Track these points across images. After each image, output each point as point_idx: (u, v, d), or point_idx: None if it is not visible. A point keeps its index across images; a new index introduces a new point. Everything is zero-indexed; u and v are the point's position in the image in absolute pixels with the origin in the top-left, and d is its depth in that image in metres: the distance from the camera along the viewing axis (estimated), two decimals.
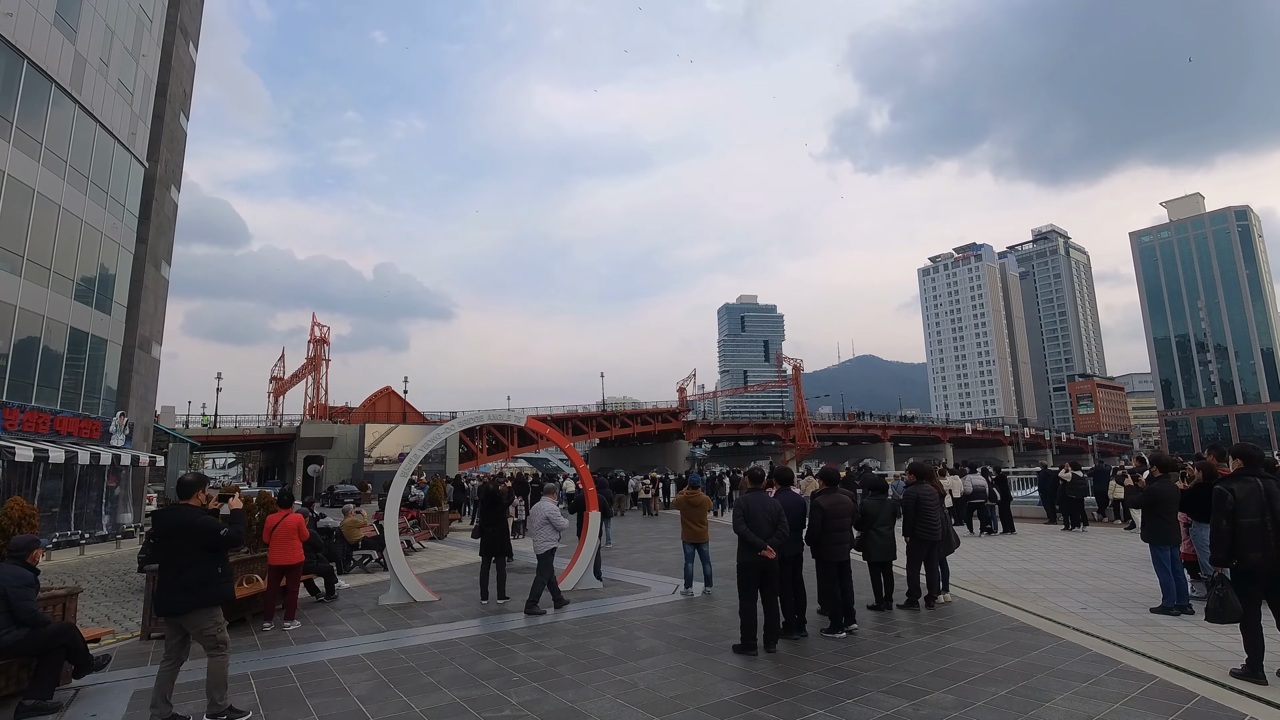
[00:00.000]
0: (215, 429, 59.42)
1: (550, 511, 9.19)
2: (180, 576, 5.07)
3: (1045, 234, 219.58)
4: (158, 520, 5.43)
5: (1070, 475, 17.07)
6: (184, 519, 5.20)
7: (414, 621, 8.73)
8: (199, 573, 5.11)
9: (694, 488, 10.14)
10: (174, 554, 5.15)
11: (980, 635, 7.08)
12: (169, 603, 5.11)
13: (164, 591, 5.15)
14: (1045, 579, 10.33)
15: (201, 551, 5.15)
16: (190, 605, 5.07)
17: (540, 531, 9.10)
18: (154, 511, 5.50)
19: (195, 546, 5.13)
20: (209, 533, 5.19)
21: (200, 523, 5.21)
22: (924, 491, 8.55)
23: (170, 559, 5.19)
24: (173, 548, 5.17)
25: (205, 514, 5.39)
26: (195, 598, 5.08)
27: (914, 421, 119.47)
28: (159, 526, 5.36)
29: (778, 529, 6.75)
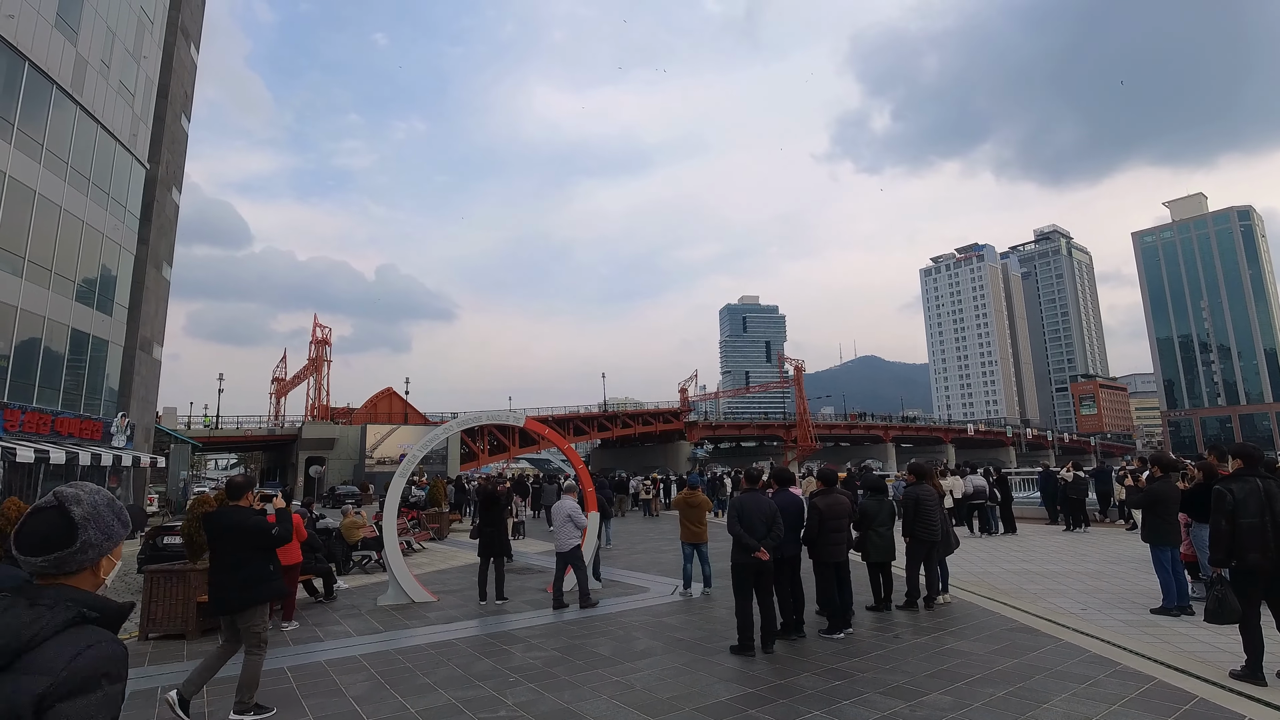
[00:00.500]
0: (217, 430, 59.47)
1: (572, 509, 9.36)
2: (237, 574, 5.29)
3: (1047, 234, 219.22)
4: (212, 521, 5.60)
5: (1071, 475, 17.02)
6: (238, 520, 5.45)
7: (412, 622, 8.72)
8: (254, 570, 5.37)
9: (693, 488, 10.12)
10: (229, 553, 5.37)
11: (979, 636, 7.05)
12: (227, 600, 5.31)
13: (221, 590, 5.36)
14: (1045, 580, 10.29)
15: (255, 550, 5.43)
16: (248, 601, 5.28)
17: (564, 529, 9.25)
18: (207, 513, 5.82)
19: (250, 546, 5.40)
20: (262, 532, 5.48)
21: (253, 523, 5.50)
22: (923, 492, 8.53)
23: (225, 558, 5.40)
24: (228, 547, 5.39)
25: (257, 514, 5.68)
26: (252, 594, 5.31)
27: (916, 422, 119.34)
28: (213, 527, 5.54)
29: (772, 530, 6.72)
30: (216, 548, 5.48)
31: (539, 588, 11.06)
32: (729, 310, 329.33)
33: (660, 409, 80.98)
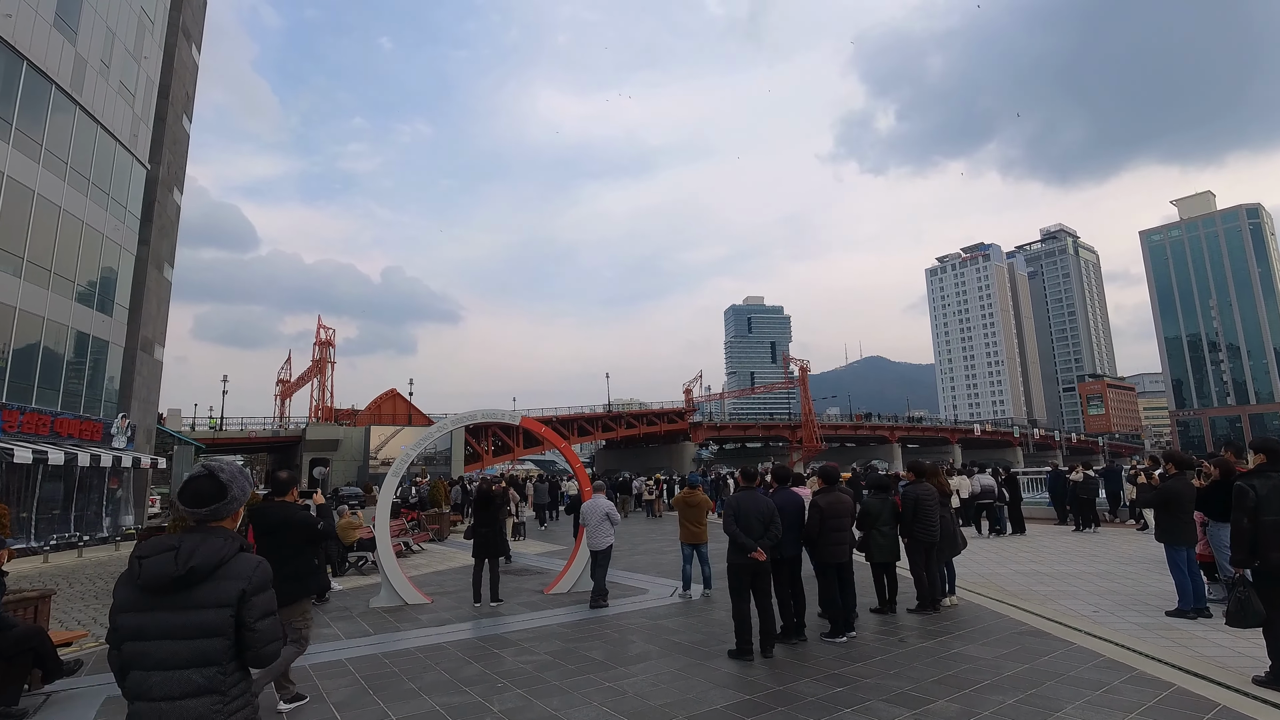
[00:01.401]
0: (221, 432, 59.54)
1: (609, 508, 9.43)
2: (285, 568, 5.19)
3: (1054, 233, 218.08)
4: (260, 517, 5.59)
5: (1081, 475, 16.71)
6: (287, 514, 5.52)
7: (403, 625, 8.50)
8: (302, 564, 5.44)
9: (693, 488, 9.88)
10: (278, 548, 5.31)
11: (987, 640, 6.78)
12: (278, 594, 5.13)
13: None
14: (1055, 581, 10.00)
15: (303, 545, 5.50)
16: (298, 594, 5.35)
17: (600, 527, 9.26)
18: (254, 508, 5.75)
19: (299, 540, 5.47)
20: (310, 526, 5.56)
21: (301, 517, 5.56)
22: (922, 491, 8.24)
23: (273, 553, 5.28)
24: (277, 542, 5.38)
25: (304, 509, 5.70)
26: (302, 587, 5.40)
27: (922, 422, 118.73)
28: (262, 523, 5.54)
29: (770, 530, 6.48)
30: (263, 544, 5.43)
31: (535, 589, 10.85)
32: (734, 311, 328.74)
33: (665, 409, 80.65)
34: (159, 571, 2.30)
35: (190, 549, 2.34)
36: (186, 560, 2.31)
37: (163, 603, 2.31)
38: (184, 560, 2.31)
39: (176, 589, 2.31)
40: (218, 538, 2.41)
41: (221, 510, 2.49)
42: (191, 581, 2.31)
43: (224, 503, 2.49)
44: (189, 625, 2.28)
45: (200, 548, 2.35)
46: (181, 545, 2.35)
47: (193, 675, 2.26)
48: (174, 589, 2.30)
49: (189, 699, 2.26)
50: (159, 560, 2.33)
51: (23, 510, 19.31)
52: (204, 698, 2.27)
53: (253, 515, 5.69)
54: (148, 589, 2.31)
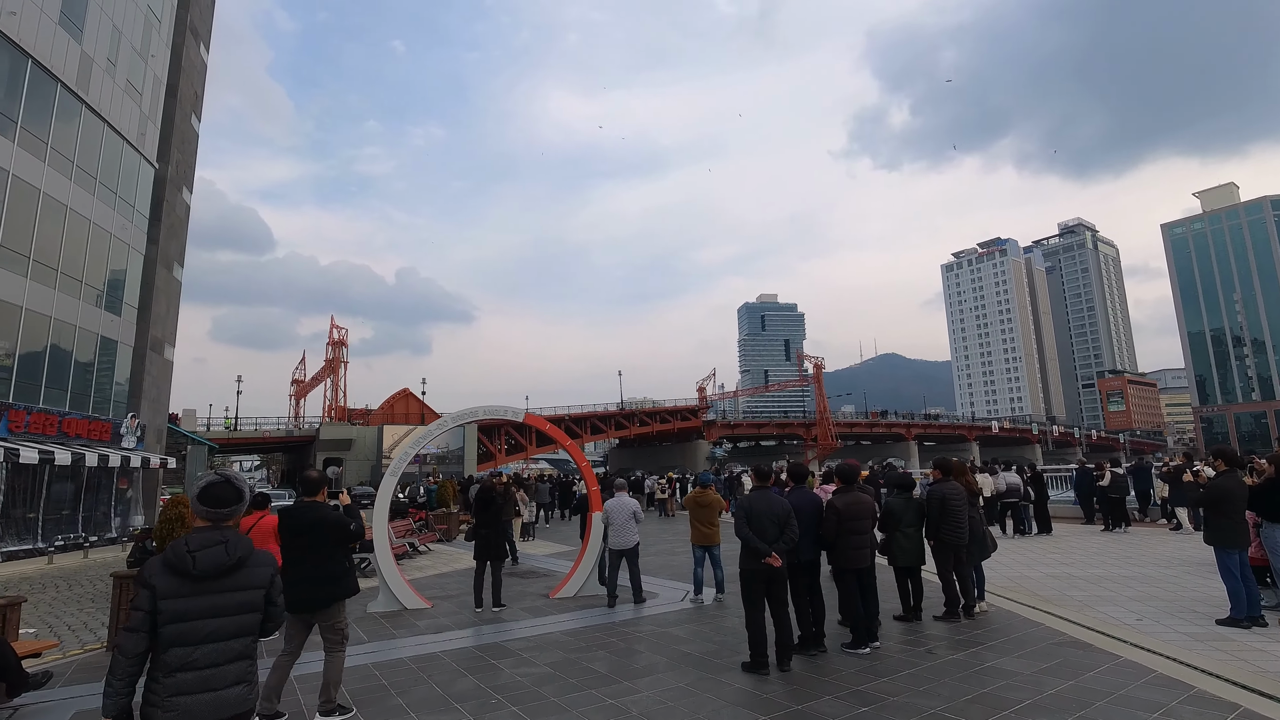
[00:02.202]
0: (236, 432, 59.72)
1: (636, 507, 9.33)
2: (320, 570, 5.16)
3: (1072, 227, 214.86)
4: (292, 517, 5.37)
5: (1109, 478, 16.03)
6: (321, 515, 5.31)
7: (399, 631, 8.09)
8: (337, 565, 5.26)
9: (704, 487, 9.39)
10: (311, 549, 5.19)
11: (1023, 652, 6.24)
12: (314, 597, 5.13)
13: (303, 586, 5.09)
14: (1090, 585, 9.42)
15: (336, 546, 5.30)
16: (334, 597, 5.19)
17: (627, 526, 9.16)
18: (284, 508, 5.59)
19: (332, 541, 5.27)
20: (343, 527, 5.35)
21: (334, 517, 5.34)
22: (950, 490, 7.71)
23: (307, 555, 5.21)
24: (309, 544, 5.21)
25: (334, 509, 5.47)
26: (337, 589, 5.21)
27: (939, 420, 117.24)
28: (294, 524, 5.32)
29: (785, 532, 5.98)
30: (296, 545, 5.23)
31: (540, 592, 10.41)
32: (747, 309, 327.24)
33: (678, 407, 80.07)
34: (215, 562, 2.81)
35: (235, 542, 2.88)
36: (235, 552, 2.85)
37: (210, 587, 2.79)
38: (233, 552, 2.85)
39: (226, 574, 2.82)
40: (240, 534, 2.95)
41: (235, 513, 3.02)
42: (237, 568, 2.85)
43: (239, 505, 3.03)
44: (234, 604, 2.82)
45: (240, 542, 2.90)
46: (227, 540, 2.87)
47: (234, 644, 2.81)
48: (225, 575, 2.82)
49: (231, 664, 2.79)
50: (213, 552, 2.83)
51: (30, 511, 19.18)
52: (241, 662, 2.83)
53: (283, 516, 5.42)
54: (203, 576, 2.79)
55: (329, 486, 5.81)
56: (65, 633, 9.01)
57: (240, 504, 3.02)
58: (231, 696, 2.79)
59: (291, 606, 5.08)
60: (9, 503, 18.07)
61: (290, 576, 5.16)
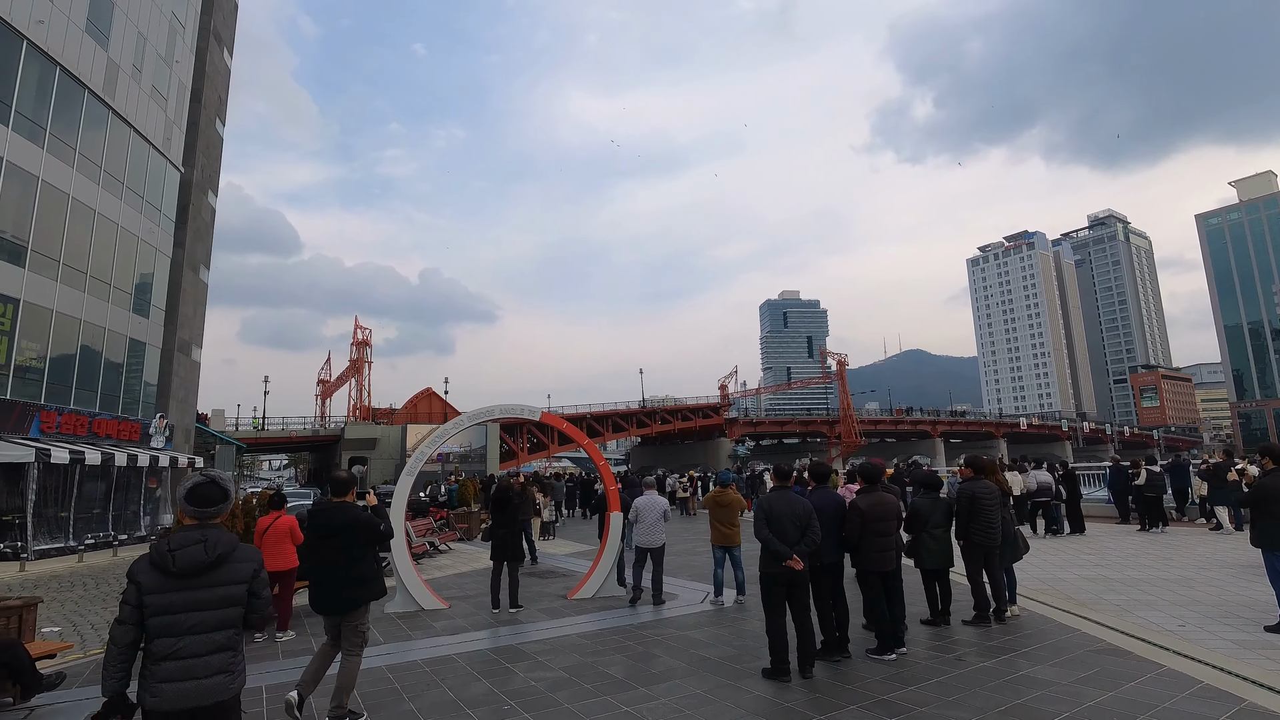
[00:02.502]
0: (263, 431, 60.63)
1: (666, 506, 9.40)
2: (349, 572, 5.07)
3: (1103, 219, 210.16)
4: (320, 519, 5.28)
5: (1144, 473, 15.51)
6: (352, 515, 5.21)
7: (415, 633, 8.01)
8: (366, 567, 5.17)
9: (725, 486, 9.19)
10: (340, 551, 5.10)
11: (1059, 660, 5.96)
12: (341, 597, 5.08)
13: (331, 589, 5.08)
14: (1128, 588, 9.05)
15: (366, 547, 5.23)
16: (362, 599, 5.10)
17: (657, 525, 9.19)
18: (313, 509, 5.45)
19: (361, 542, 5.18)
20: (374, 528, 5.25)
21: (365, 518, 5.25)
22: (980, 488, 7.43)
23: (336, 556, 5.12)
24: (339, 545, 5.12)
25: (363, 510, 5.39)
26: (366, 591, 5.12)
27: (965, 417, 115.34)
28: (322, 525, 5.23)
29: (806, 534, 5.77)
30: (326, 546, 5.15)
31: (558, 593, 10.29)
32: (769, 306, 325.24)
33: (700, 404, 79.71)
34: (193, 560, 2.95)
35: (214, 540, 3.02)
36: (214, 549, 3.00)
37: (191, 583, 2.95)
38: (212, 549, 2.99)
39: (205, 572, 2.97)
40: (223, 532, 3.10)
41: (220, 511, 3.19)
42: (216, 565, 3.00)
43: (225, 504, 3.19)
44: (215, 599, 2.97)
45: (220, 539, 3.04)
46: (206, 538, 3.02)
47: (216, 637, 2.96)
48: (204, 572, 2.97)
49: (213, 655, 2.94)
50: (191, 551, 2.97)
51: (61, 510, 19.53)
52: (223, 653, 2.98)
53: (312, 518, 5.33)
54: (183, 574, 2.94)
55: (356, 485, 5.69)
56: (88, 631, 9.08)
57: (225, 503, 3.19)
58: (212, 685, 2.96)
59: (322, 608, 5.17)
60: (41, 502, 18.40)
61: (320, 578, 5.18)
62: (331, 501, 5.40)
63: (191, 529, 3.06)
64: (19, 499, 17.96)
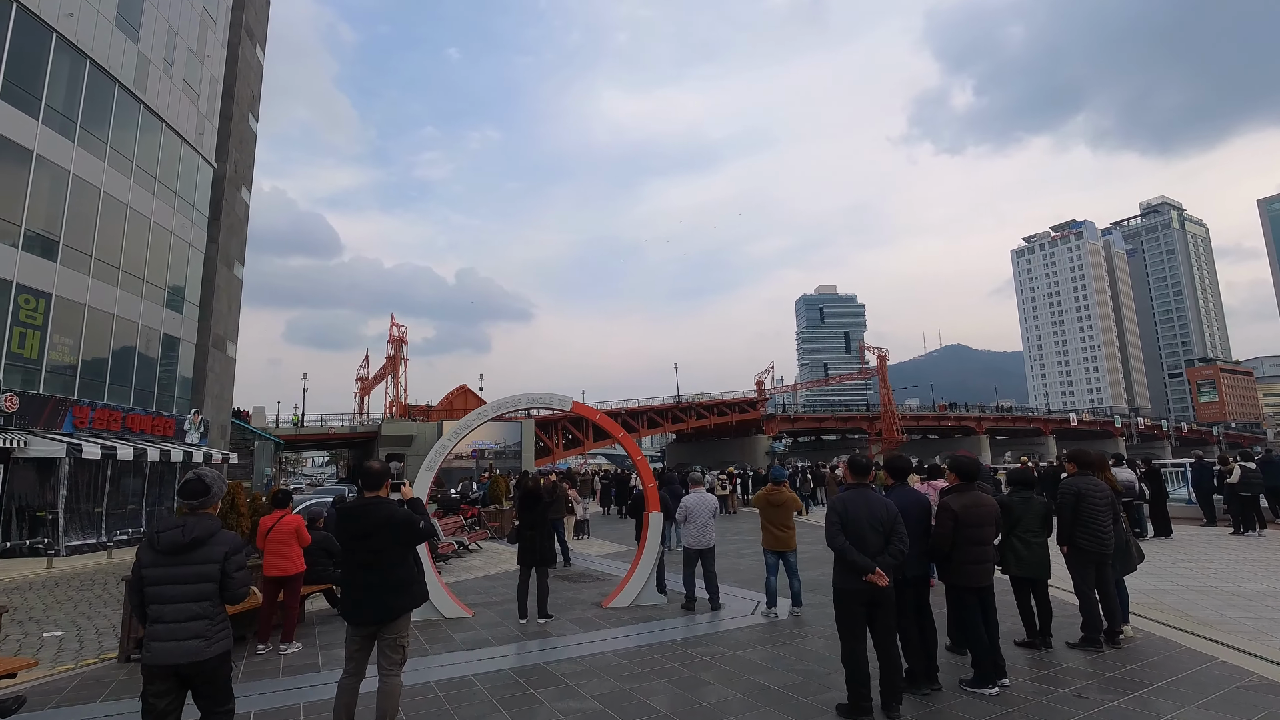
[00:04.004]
0: (302, 428, 61.29)
1: (716, 504, 8.77)
2: (389, 577, 4.40)
3: (1156, 206, 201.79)
4: (352, 517, 4.53)
5: (1238, 471, 13.98)
6: (388, 513, 4.48)
7: (433, 646, 7.18)
8: (406, 571, 4.52)
9: (777, 483, 8.17)
10: (378, 553, 4.41)
11: (1207, 699, 4.82)
12: (381, 607, 4.36)
13: (369, 596, 4.36)
14: (1251, 603, 7.78)
15: (404, 548, 4.53)
16: (404, 607, 4.45)
17: (707, 525, 8.52)
18: (344, 507, 4.73)
19: (400, 543, 4.49)
20: (412, 526, 4.49)
21: (402, 515, 4.50)
22: (1088, 485, 6.29)
23: (372, 560, 4.41)
24: (374, 546, 4.41)
25: (400, 505, 4.63)
26: (408, 598, 4.47)
27: (1011, 412, 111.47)
28: (356, 525, 4.47)
29: (891, 542, 4.74)
30: (361, 548, 4.43)
31: (593, 600, 9.39)
32: (805, 301, 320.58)
33: (736, 399, 78.26)
34: (172, 541, 3.61)
35: (191, 526, 3.66)
36: (190, 533, 3.63)
37: (173, 560, 3.61)
38: (188, 533, 3.63)
39: (182, 552, 3.61)
40: (206, 519, 3.75)
41: (206, 502, 3.82)
42: (192, 547, 3.62)
43: (208, 497, 3.82)
44: (191, 574, 3.61)
45: (197, 525, 3.67)
46: (185, 524, 3.66)
47: (192, 606, 3.58)
48: (181, 552, 3.61)
49: (190, 621, 3.56)
50: (171, 534, 3.63)
51: (95, 505, 19.39)
52: (199, 621, 3.59)
53: (342, 517, 4.56)
54: (163, 552, 3.62)
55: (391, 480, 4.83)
56: (90, 636, 8.48)
57: (207, 495, 3.80)
58: (190, 647, 3.53)
59: (357, 619, 4.42)
60: (73, 498, 18.24)
61: (354, 584, 4.45)
62: (364, 497, 4.62)
63: (178, 516, 3.74)
64: (51, 495, 17.81)
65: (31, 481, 17.90)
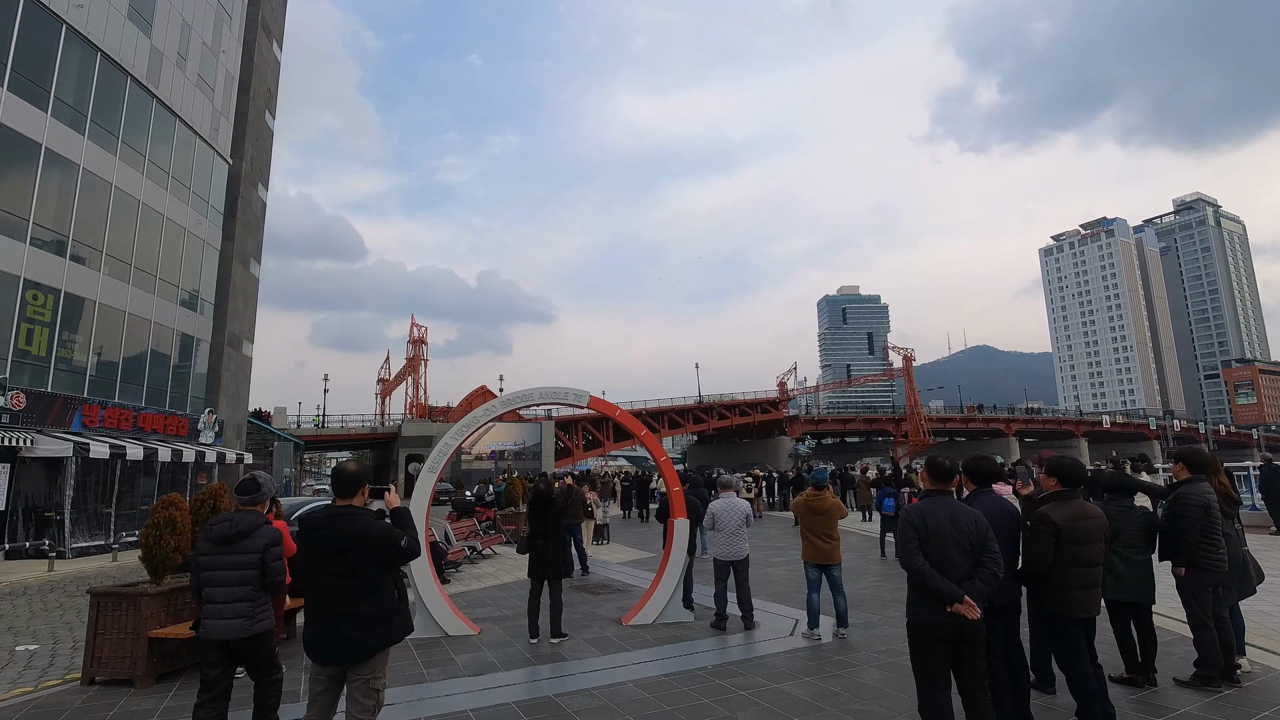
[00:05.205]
0: (323, 429, 61.28)
1: (748, 510, 7.89)
2: (361, 607, 3.54)
3: (1190, 203, 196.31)
4: (316, 531, 3.68)
5: None
6: (360, 527, 3.60)
7: (430, 670, 6.36)
8: (383, 599, 3.63)
9: (818, 487, 7.23)
10: (348, 577, 3.56)
11: None
12: (349, 643, 3.54)
13: (336, 629, 3.55)
14: None
15: (381, 570, 3.64)
16: (378, 644, 3.59)
17: (737, 534, 7.67)
18: (307, 517, 4.19)
19: (375, 563, 3.60)
20: (390, 544, 3.62)
21: (379, 530, 3.64)
22: (1202, 493, 5.27)
23: (341, 584, 3.56)
24: (345, 568, 3.56)
25: (376, 517, 3.78)
26: (384, 633, 3.60)
27: (1040, 414, 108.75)
28: (322, 541, 3.63)
29: (983, 564, 3.80)
30: (327, 569, 3.58)
31: (612, 615, 8.52)
32: (827, 302, 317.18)
33: (758, 399, 77.00)
34: (222, 533, 4.26)
35: (238, 520, 4.31)
36: (236, 526, 4.27)
37: (222, 549, 4.24)
38: (234, 526, 4.27)
39: (230, 542, 4.24)
40: (253, 515, 4.42)
41: (256, 499, 4.52)
42: (238, 538, 4.26)
43: (258, 494, 4.52)
44: (237, 562, 4.21)
45: (243, 520, 4.32)
46: (233, 518, 4.33)
47: (237, 590, 4.16)
48: (229, 542, 4.24)
49: (235, 603, 4.14)
50: (221, 526, 4.28)
51: (105, 506, 18.93)
52: (242, 603, 4.16)
53: (305, 530, 3.69)
54: (214, 541, 4.25)
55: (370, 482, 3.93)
56: (66, 651, 7.79)
57: (256, 493, 4.52)
58: (236, 625, 4.14)
59: (321, 657, 3.62)
60: (80, 498, 17.79)
61: (318, 614, 3.63)
62: (335, 505, 3.74)
63: (230, 512, 4.47)
64: (58, 495, 17.36)
65: (40, 481, 17.46)
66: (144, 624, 6.12)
